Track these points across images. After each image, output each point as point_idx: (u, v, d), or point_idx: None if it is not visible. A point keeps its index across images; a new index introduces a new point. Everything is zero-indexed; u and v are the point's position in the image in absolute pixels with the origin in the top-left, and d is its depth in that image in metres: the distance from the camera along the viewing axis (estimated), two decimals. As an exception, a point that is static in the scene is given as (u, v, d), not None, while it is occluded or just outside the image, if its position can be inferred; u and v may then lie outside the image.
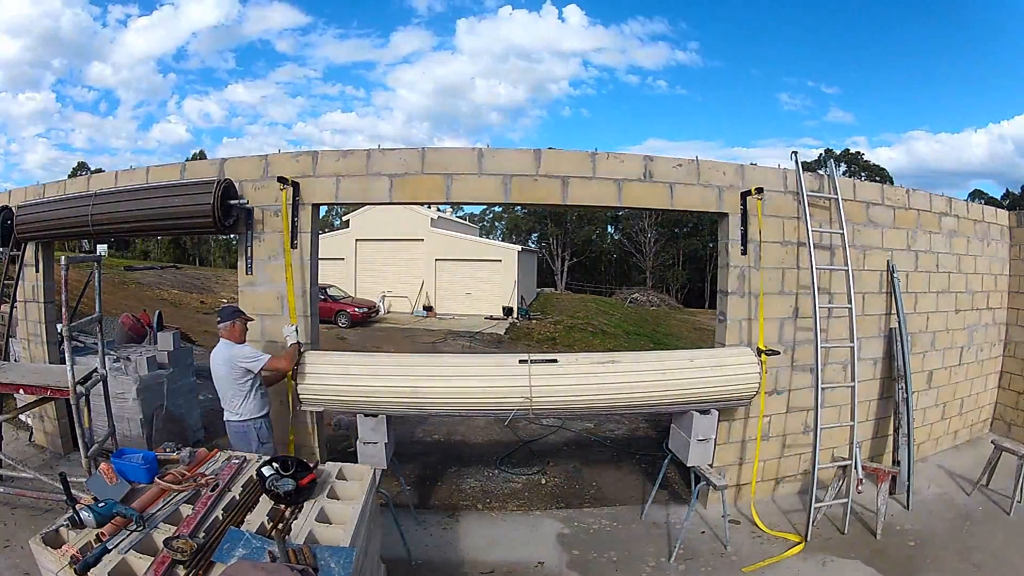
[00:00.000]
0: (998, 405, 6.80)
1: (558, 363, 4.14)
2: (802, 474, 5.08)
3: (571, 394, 4.07)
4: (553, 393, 4.05)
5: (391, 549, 3.91)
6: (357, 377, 4.10)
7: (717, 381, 4.21)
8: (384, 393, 4.05)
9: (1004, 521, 4.71)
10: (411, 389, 4.04)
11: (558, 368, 4.11)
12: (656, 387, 4.11)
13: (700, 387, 4.17)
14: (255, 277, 4.67)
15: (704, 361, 4.31)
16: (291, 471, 2.70)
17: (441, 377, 4.09)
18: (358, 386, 4.07)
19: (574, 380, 4.09)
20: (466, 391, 4.05)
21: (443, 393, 4.04)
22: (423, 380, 4.07)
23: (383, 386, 4.06)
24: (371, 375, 4.12)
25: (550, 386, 4.04)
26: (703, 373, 4.19)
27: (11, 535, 4.00)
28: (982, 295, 6.31)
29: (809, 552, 4.21)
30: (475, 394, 4.05)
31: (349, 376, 4.11)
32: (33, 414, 5.53)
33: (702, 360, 4.31)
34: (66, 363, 3.99)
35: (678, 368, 4.19)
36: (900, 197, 5.47)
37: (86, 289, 4.69)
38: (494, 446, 6.45)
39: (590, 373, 4.12)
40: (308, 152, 4.67)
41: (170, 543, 2.18)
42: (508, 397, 4.02)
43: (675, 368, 4.18)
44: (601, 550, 4.22)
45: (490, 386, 4.06)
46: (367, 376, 4.11)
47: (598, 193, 4.60)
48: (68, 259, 4.06)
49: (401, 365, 4.24)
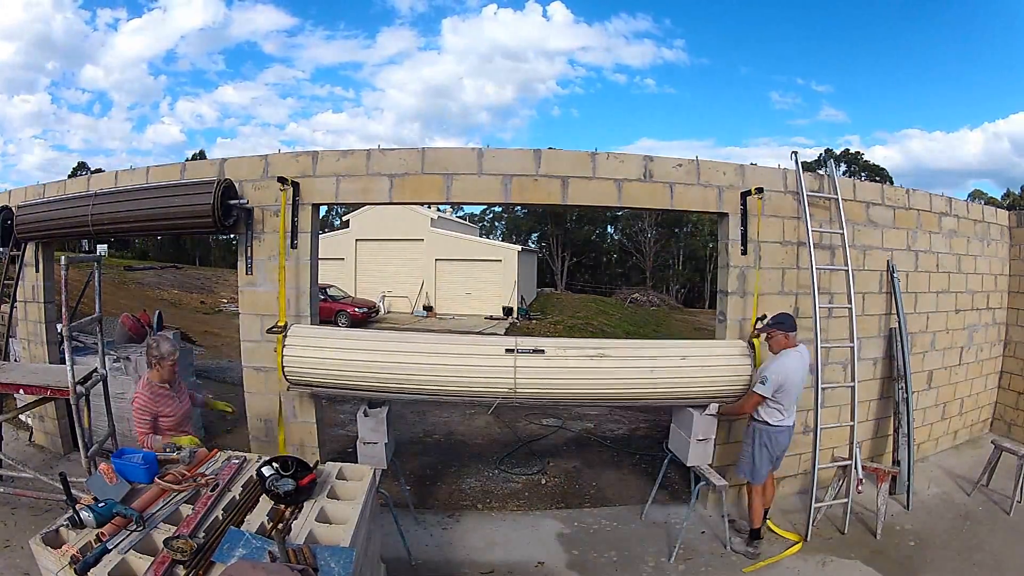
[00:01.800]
0: (998, 405, 6.81)
1: (545, 354, 4.08)
2: (802, 474, 5.08)
3: (557, 384, 4.03)
4: (539, 383, 4.00)
5: (391, 549, 3.91)
6: (344, 352, 4.06)
7: (707, 374, 4.17)
8: (369, 369, 3.99)
9: (1004, 521, 4.71)
10: (395, 365, 3.96)
11: (544, 360, 4.04)
12: (644, 382, 4.07)
13: (690, 381, 4.13)
14: (255, 277, 4.67)
15: (694, 352, 4.27)
16: (291, 471, 2.70)
17: (427, 355, 4.02)
18: (343, 360, 4.01)
19: (560, 373, 4.03)
20: (451, 372, 3.99)
21: (429, 372, 3.98)
22: (407, 356, 4.00)
23: (369, 360, 3.99)
24: (358, 349, 4.08)
25: (536, 378, 3.99)
26: (692, 365, 4.15)
27: (11, 535, 4.00)
28: (982, 295, 6.31)
29: (809, 552, 4.21)
30: (460, 376, 4.00)
31: (336, 351, 4.07)
32: (33, 414, 5.53)
33: (693, 351, 4.28)
34: (66, 363, 3.99)
35: (667, 364, 4.12)
36: (900, 197, 5.47)
37: (86, 289, 4.70)
38: (494, 446, 6.45)
39: (577, 367, 4.06)
40: (308, 152, 4.67)
41: (170, 543, 2.18)
42: (493, 387, 3.97)
43: (664, 365, 4.12)
44: (601, 550, 4.22)
45: (475, 366, 4.00)
46: (353, 351, 4.07)
47: (598, 193, 4.60)
48: (68, 259, 4.05)
49: (386, 340, 4.20)
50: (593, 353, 4.12)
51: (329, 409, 6.92)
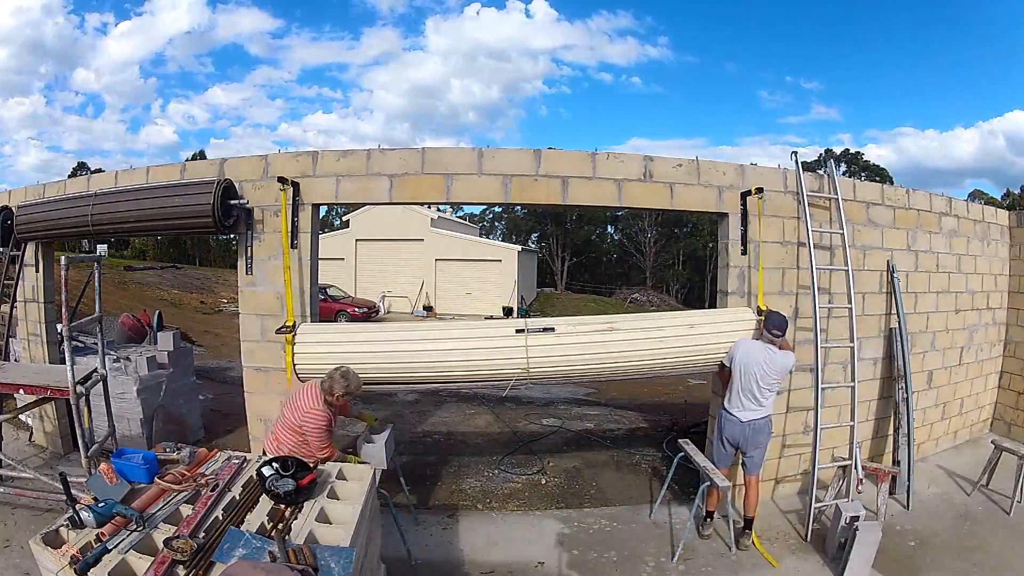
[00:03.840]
0: (998, 405, 6.81)
1: (555, 331, 4.11)
2: (802, 474, 5.08)
3: (570, 360, 4.07)
4: (552, 361, 4.04)
5: (391, 549, 3.91)
6: (356, 345, 4.10)
7: (715, 341, 4.24)
8: (383, 360, 4.03)
9: (1004, 521, 4.71)
10: (408, 355, 4.01)
11: (555, 338, 4.08)
12: (655, 352, 4.16)
13: (699, 349, 4.24)
14: (255, 277, 4.67)
15: (701, 320, 4.39)
16: (291, 471, 2.70)
17: (440, 340, 4.08)
18: (356, 353, 4.04)
19: (571, 349, 4.08)
20: (465, 357, 4.03)
21: (444, 358, 4.02)
22: (419, 344, 4.06)
23: (382, 352, 4.04)
24: (370, 342, 4.14)
25: (548, 356, 4.04)
26: (700, 332, 4.26)
27: (11, 535, 4.00)
28: (982, 295, 6.31)
29: (808, 552, 4.21)
30: (474, 360, 4.04)
31: (349, 344, 4.12)
32: (33, 414, 5.53)
33: (700, 319, 4.41)
34: (66, 363, 4.00)
35: (676, 333, 4.24)
36: (900, 197, 5.47)
37: (86, 289, 4.69)
38: (494, 446, 6.45)
39: (588, 342, 4.11)
40: (308, 152, 4.67)
41: (170, 543, 2.18)
42: (507, 368, 4.00)
43: (673, 334, 4.22)
44: (601, 550, 4.21)
45: (488, 348, 4.04)
46: (365, 343, 4.11)
47: (598, 193, 4.60)
48: (68, 259, 4.06)
49: (397, 331, 4.27)
50: (603, 327, 4.15)
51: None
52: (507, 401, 8.42)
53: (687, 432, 5.82)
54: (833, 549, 4.08)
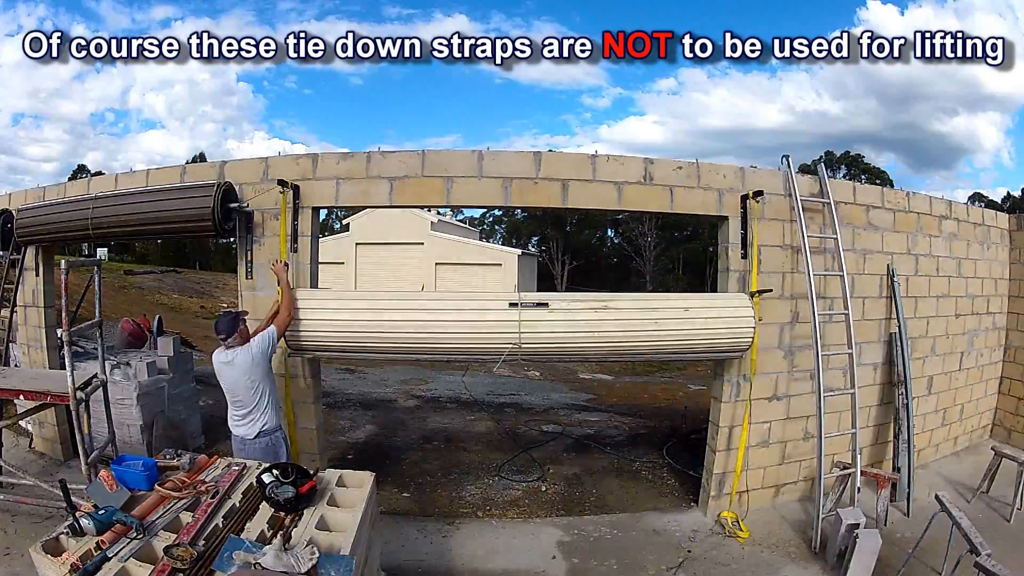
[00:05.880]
0: (998, 411, 6.78)
1: (549, 307, 4.09)
2: (802, 480, 5.07)
3: (562, 338, 4.04)
4: (544, 337, 4.02)
5: (391, 557, 3.89)
6: (352, 313, 4.07)
7: (710, 325, 4.19)
8: (377, 329, 4.01)
9: (1004, 528, 4.69)
10: (402, 324, 3.97)
11: (548, 313, 4.05)
12: (648, 334, 4.09)
13: (694, 333, 4.18)
14: (255, 281, 4.67)
15: (697, 303, 4.32)
16: (291, 478, 2.70)
17: (433, 311, 4.05)
18: (352, 321, 4.01)
19: (564, 327, 4.04)
20: (456, 328, 4.01)
21: (435, 329, 3.99)
22: (413, 315, 4.01)
23: (377, 320, 4.00)
24: (367, 310, 4.10)
25: (540, 331, 4.01)
26: (695, 316, 4.19)
27: (11, 542, 3.98)
28: (982, 299, 6.30)
29: (809, 560, 4.19)
30: (465, 332, 4.02)
31: (346, 312, 4.08)
32: (33, 420, 5.51)
33: (695, 302, 4.33)
34: (66, 368, 3.98)
35: (670, 316, 4.17)
36: (900, 200, 5.46)
37: (86, 293, 4.68)
38: (494, 453, 6.43)
39: (581, 320, 4.07)
40: (308, 155, 4.68)
41: (170, 551, 2.18)
42: (498, 342, 3.97)
43: (668, 316, 4.15)
44: (601, 558, 4.20)
45: (480, 321, 4.01)
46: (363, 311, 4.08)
47: (598, 196, 4.60)
48: (68, 263, 4.05)
49: (393, 299, 4.22)
50: (597, 306, 4.10)
51: (329, 415, 6.92)
52: (507, 407, 8.42)
53: (687, 438, 5.81)
54: (833, 557, 4.07)
